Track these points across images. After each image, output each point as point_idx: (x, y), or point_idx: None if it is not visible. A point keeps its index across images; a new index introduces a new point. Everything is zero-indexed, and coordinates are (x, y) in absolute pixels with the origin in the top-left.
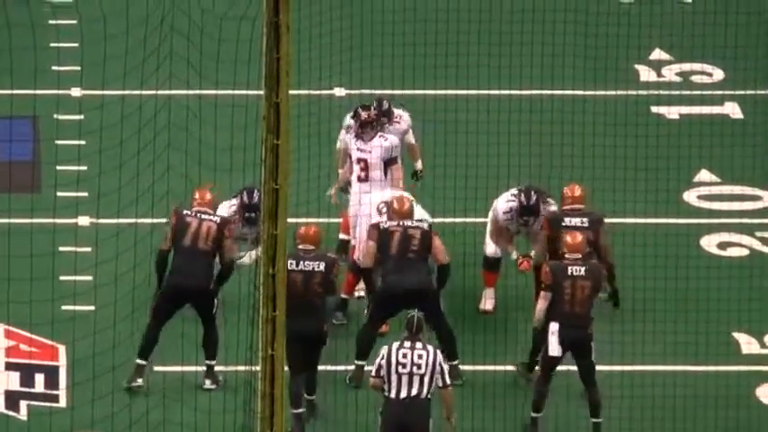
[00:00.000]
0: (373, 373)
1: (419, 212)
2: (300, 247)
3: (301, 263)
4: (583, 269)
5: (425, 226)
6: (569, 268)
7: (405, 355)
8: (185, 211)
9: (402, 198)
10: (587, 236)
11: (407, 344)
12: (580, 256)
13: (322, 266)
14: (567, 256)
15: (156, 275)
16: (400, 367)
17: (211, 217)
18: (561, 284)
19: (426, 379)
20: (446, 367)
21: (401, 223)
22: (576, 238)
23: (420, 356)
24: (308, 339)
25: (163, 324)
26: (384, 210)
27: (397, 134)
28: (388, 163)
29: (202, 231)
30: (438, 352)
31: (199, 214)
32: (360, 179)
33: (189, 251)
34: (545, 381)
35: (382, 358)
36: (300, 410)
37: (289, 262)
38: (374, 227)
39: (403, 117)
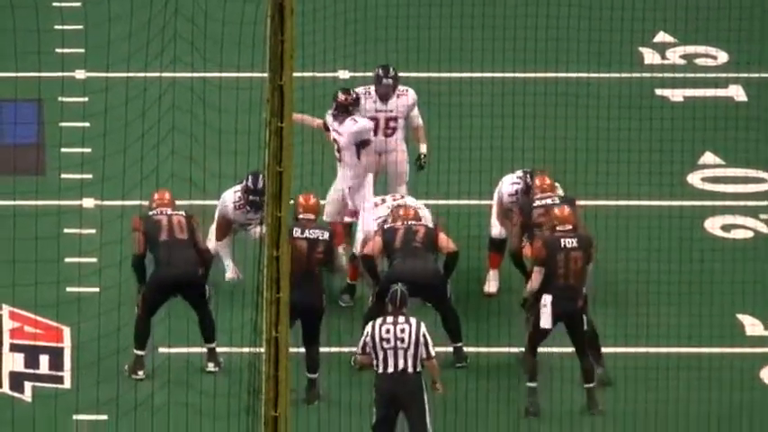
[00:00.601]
0: (359, 351)
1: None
2: (302, 216)
3: (306, 231)
4: (575, 240)
5: (430, 225)
6: (562, 240)
7: (388, 331)
8: (150, 213)
9: (408, 207)
10: None
11: (390, 319)
12: (571, 227)
13: (326, 235)
14: (558, 228)
15: (136, 277)
16: (384, 343)
17: (177, 212)
18: (555, 258)
19: (411, 352)
20: (430, 339)
21: (405, 222)
22: (564, 210)
23: (402, 330)
24: (307, 310)
25: (152, 315)
26: (380, 203)
27: (404, 108)
28: (359, 145)
29: (175, 223)
30: (421, 324)
31: (164, 211)
32: (338, 159)
33: (169, 243)
34: (533, 352)
35: (367, 335)
36: None
37: (294, 230)
38: (379, 227)
39: (409, 92)
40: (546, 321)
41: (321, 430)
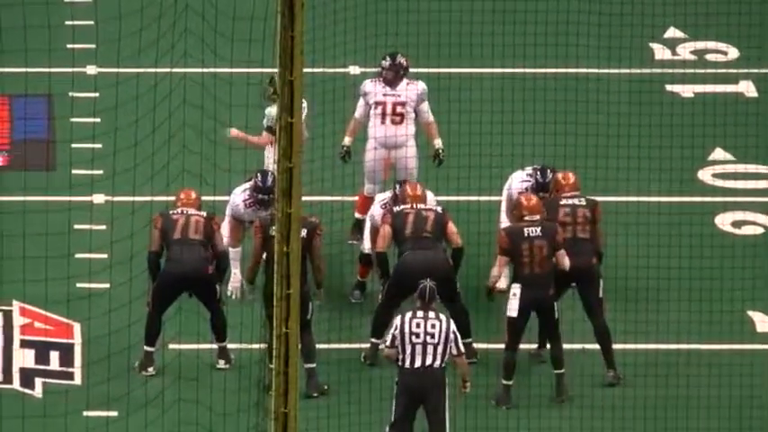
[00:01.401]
0: (387, 344)
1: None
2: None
3: None
4: (538, 229)
5: (439, 209)
6: (525, 230)
7: (418, 325)
8: (171, 211)
9: (415, 184)
10: (584, 213)
11: (420, 313)
12: (537, 217)
13: (303, 233)
14: (526, 218)
15: (150, 274)
16: (414, 337)
17: (198, 212)
18: (519, 247)
19: (440, 348)
20: (459, 336)
21: (414, 206)
22: (532, 200)
23: (433, 326)
24: None
25: (163, 312)
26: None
27: (413, 95)
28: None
29: (191, 224)
30: (451, 321)
31: (185, 210)
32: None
33: (181, 242)
34: (512, 346)
35: (396, 329)
36: None
37: (272, 228)
38: (388, 211)
39: (418, 83)
40: (512, 310)
41: (332, 426)
